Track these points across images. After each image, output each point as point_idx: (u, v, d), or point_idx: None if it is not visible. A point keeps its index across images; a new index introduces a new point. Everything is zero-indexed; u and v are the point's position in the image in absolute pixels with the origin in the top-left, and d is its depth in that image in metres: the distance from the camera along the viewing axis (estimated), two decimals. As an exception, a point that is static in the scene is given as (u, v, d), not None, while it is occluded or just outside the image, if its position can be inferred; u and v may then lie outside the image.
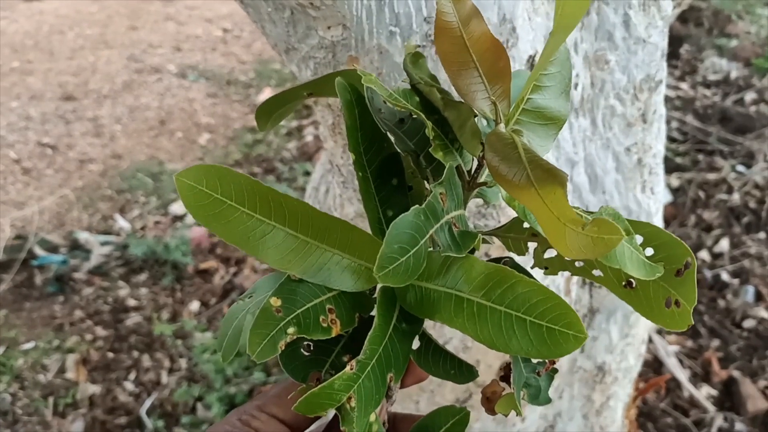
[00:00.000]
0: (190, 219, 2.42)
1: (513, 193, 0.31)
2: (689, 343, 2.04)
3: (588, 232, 0.29)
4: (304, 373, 0.36)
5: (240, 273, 2.23)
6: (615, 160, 0.69)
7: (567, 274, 0.73)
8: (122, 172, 2.61)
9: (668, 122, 2.90)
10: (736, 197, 2.40)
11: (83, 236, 2.27)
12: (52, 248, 2.24)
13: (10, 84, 3.05)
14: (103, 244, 2.24)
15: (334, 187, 0.66)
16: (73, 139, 2.76)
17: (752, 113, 2.91)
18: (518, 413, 0.37)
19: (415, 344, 0.40)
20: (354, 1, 0.48)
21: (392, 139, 0.40)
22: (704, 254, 2.25)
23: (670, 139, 2.80)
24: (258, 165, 2.73)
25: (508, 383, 0.39)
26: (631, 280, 0.38)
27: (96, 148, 2.72)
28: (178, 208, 2.47)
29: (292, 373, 0.36)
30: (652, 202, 0.72)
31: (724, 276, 2.18)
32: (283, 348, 0.34)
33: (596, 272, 0.40)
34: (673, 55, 3.37)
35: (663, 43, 0.64)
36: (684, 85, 3.21)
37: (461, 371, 0.41)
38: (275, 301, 0.34)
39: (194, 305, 2.06)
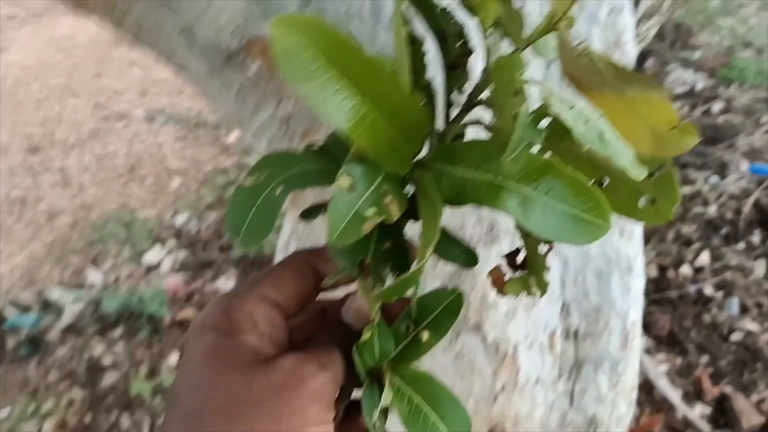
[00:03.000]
0: (164, 268, 2.37)
1: (594, 100, 0.31)
2: (678, 361, 2.02)
3: (671, 134, 0.30)
4: (352, 260, 0.37)
5: (219, 320, 2.18)
6: (590, 207, 0.66)
7: (550, 330, 0.70)
8: (93, 222, 2.55)
9: (640, 137, 2.92)
10: (712, 209, 2.41)
11: (55, 293, 2.20)
12: (24, 308, 2.17)
13: (-26, 139, 2.99)
14: (76, 300, 2.18)
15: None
16: (42, 192, 2.70)
17: (721, 123, 2.94)
18: (530, 293, 0.41)
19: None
20: (304, 74, 0.46)
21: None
22: (686, 269, 2.24)
23: (643, 155, 2.81)
24: (232, 206, 2.68)
25: (512, 268, 0.43)
26: (603, 181, 0.39)
27: (65, 199, 2.67)
28: (152, 256, 2.42)
29: (347, 260, 0.37)
30: (632, 246, 0.70)
31: (708, 290, 2.17)
32: (368, 231, 0.33)
33: None
34: (638, 70, 3.41)
35: (630, 86, 0.63)
36: (652, 99, 3.24)
37: (469, 256, 0.43)
38: (345, 180, 0.33)
39: (173, 358, 2.00)
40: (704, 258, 2.26)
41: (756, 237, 2.35)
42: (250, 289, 0.38)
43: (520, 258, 0.43)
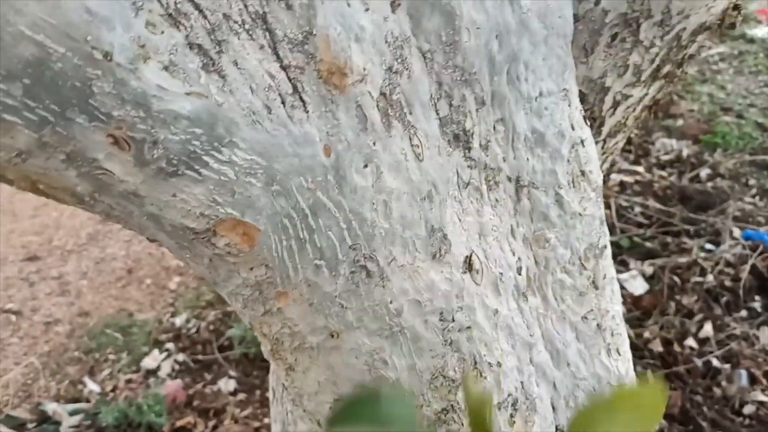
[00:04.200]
0: (162, 372, 2.33)
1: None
2: (694, 441, 1.96)
3: None
4: None
5: (220, 425, 2.13)
6: (573, 330, 0.66)
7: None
8: (90, 330, 2.53)
9: (631, 208, 2.94)
10: (710, 278, 2.40)
11: (51, 407, 2.16)
12: (19, 425, 2.12)
13: (-29, 252, 3.00)
14: (73, 413, 2.13)
15: (285, 403, 0.62)
16: (38, 302, 2.69)
17: (710, 189, 2.97)
18: None
19: None
20: (273, 244, 0.47)
21: None
22: (691, 342, 2.21)
23: (637, 225, 2.83)
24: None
25: None
26: None
27: (62, 307, 2.65)
28: (150, 361, 2.39)
29: None
30: (621, 364, 0.69)
31: (715, 362, 2.13)
32: None
33: None
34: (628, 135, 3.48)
35: (599, 211, 0.64)
36: (640, 169, 3.28)
37: None
38: None
39: (173, 471, 1.94)
40: (708, 329, 2.23)
41: (757, 303, 2.33)
42: None
43: None
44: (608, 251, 0.67)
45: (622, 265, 2.54)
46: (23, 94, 0.35)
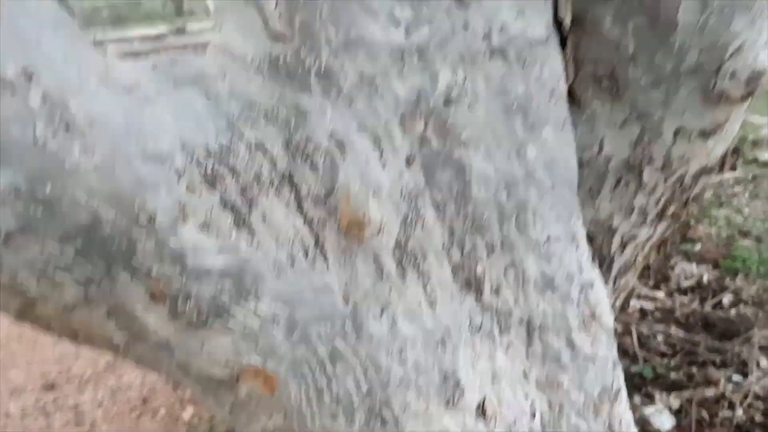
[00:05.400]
0: None
1: None
2: None
3: None
4: None
5: None
6: (593, 477, 0.65)
7: None
8: (101, 464, 2.46)
9: (654, 336, 2.89)
10: (740, 413, 2.31)
11: None
12: None
13: (-10, 380, 3.00)
14: None
15: None
16: (52, 432, 2.65)
17: (733, 317, 2.92)
18: None
19: None
20: (292, 392, 0.48)
21: None
22: (726, 482, 2.09)
23: (660, 354, 2.76)
24: (245, 436, 2.61)
25: None
26: None
27: (75, 439, 2.60)
28: (160, 500, 2.30)
29: None
30: None
31: (754, 505, 2.00)
32: None
33: None
34: (643, 266, 3.47)
35: (612, 354, 0.65)
36: (660, 294, 3.25)
37: None
38: None
39: None
40: (743, 468, 2.11)
41: (793, 440, 2.22)
42: None
43: None
44: (623, 395, 0.67)
45: (647, 397, 2.46)
46: (75, 254, 0.39)
